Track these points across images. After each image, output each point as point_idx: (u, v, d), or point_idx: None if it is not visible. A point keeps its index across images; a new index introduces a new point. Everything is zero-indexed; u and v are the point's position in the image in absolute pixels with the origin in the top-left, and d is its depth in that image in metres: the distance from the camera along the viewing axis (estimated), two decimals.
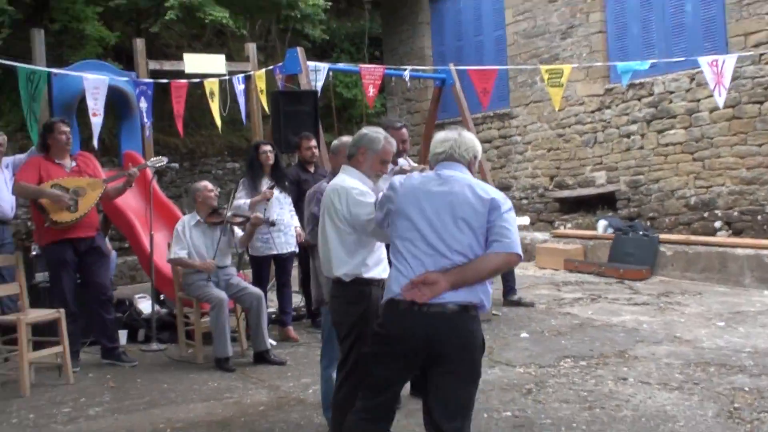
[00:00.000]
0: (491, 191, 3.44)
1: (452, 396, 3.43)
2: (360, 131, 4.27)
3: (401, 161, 4.39)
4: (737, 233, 10.75)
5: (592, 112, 12.86)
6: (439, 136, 3.69)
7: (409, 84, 12.75)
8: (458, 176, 3.51)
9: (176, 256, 6.90)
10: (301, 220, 7.60)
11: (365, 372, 3.95)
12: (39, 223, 6.70)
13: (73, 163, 6.85)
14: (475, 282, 3.37)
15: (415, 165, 4.56)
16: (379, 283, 4.13)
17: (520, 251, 3.38)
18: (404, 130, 5.49)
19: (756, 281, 9.56)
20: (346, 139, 4.91)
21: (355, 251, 4.05)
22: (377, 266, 4.14)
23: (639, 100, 12.12)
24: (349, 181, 4.11)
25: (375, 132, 4.21)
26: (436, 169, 3.61)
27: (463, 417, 3.47)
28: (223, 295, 6.69)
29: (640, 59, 11.00)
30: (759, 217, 10.55)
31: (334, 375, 4.57)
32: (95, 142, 7.91)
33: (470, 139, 3.65)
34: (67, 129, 6.77)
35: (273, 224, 7.18)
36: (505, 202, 3.41)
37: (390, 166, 4.35)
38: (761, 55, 10.34)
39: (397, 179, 3.66)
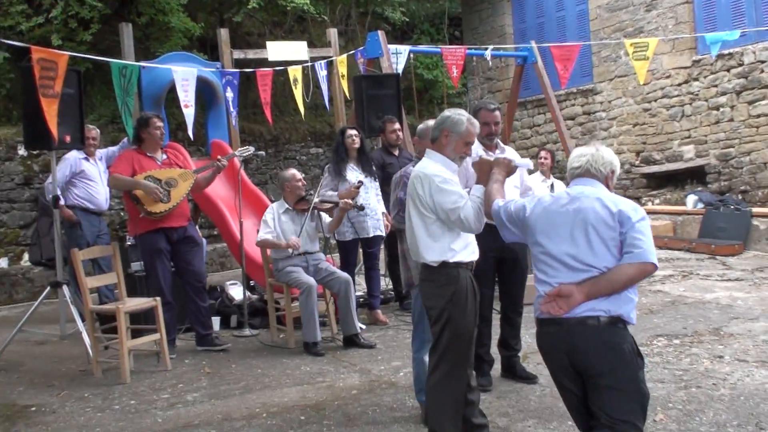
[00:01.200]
0: (620, 203, 3.40)
1: (609, 410, 3.35)
2: (442, 114, 4.26)
3: (475, 150, 4.38)
4: None
5: (679, 84, 12.52)
6: (577, 151, 3.65)
7: (490, 63, 12.64)
8: (587, 191, 3.48)
9: (262, 238, 7.04)
10: (386, 204, 7.65)
11: (459, 355, 4.05)
12: (133, 213, 6.91)
13: (164, 156, 7.06)
14: (610, 293, 3.32)
15: (489, 156, 4.50)
16: (468, 266, 4.16)
17: (654, 260, 3.32)
18: (497, 113, 5.43)
19: None
20: (432, 122, 4.91)
21: (440, 236, 4.07)
22: (464, 249, 4.14)
23: (728, 71, 11.74)
24: (432, 167, 4.11)
25: (457, 114, 4.20)
26: (570, 185, 3.60)
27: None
28: (311, 280, 6.79)
29: (728, 29, 10.70)
30: None
31: (426, 358, 4.60)
32: (190, 133, 8.09)
33: (608, 154, 3.60)
34: (161, 124, 6.98)
35: (362, 209, 7.23)
36: (635, 213, 3.36)
37: (474, 153, 4.34)
38: None
39: (529, 204, 3.61)
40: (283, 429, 4.83)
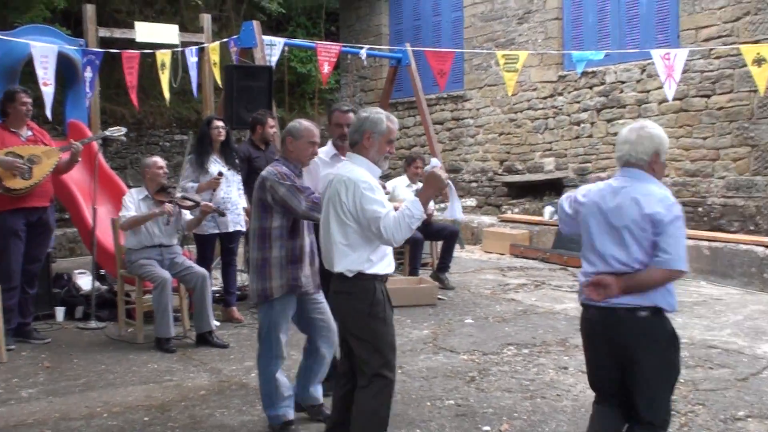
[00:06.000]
0: (654, 204, 3.46)
1: (652, 392, 3.58)
2: (358, 115, 4.00)
3: (434, 161, 4.16)
4: None
5: (545, 98, 12.93)
6: (620, 135, 3.68)
7: (365, 62, 12.66)
8: (628, 188, 3.56)
9: (128, 218, 6.68)
10: (250, 198, 7.52)
11: (391, 369, 3.89)
12: None
13: (29, 132, 6.76)
14: (643, 290, 3.48)
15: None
16: (383, 278, 3.96)
17: (682, 267, 3.46)
18: (351, 114, 5.31)
19: (694, 272, 9.75)
20: (305, 122, 4.66)
21: (359, 246, 3.83)
22: (381, 261, 3.91)
23: (591, 88, 12.21)
24: (357, 171, 3.85)
25: (375, 113, 3.95)
26: (616, 176, 3.68)
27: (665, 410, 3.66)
28: (166, 274, 6.58)
29: (594, 48, 11.16)
30: (700, 209, 10.76)
31: (278, 375, 4.51)
32: (48, 112, 7.68)
33: (648, 137, 3.57)
34: (29, 100, 6.66)
35: (223, 214, 7.07)
36: (667, 214, 3.44)
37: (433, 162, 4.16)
38: (711, 50, 10.49)
39: (581, 191, 3.73)
40: (124, 430, 4.65)
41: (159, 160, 7.02)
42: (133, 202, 6.81)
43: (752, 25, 10.20)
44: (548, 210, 12.08)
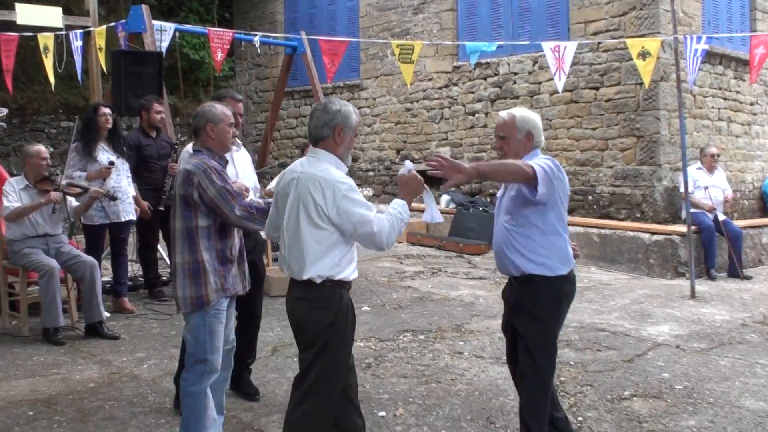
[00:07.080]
0: None
1: None
2: (327, 108, 3.61)
3: (408, 164, 3.81)
4: (569, 212, 11.19)
5: (440, 88, 13.06)
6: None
7: (259, 50, 12.49)
8: None
9: (13, 209, 6.36)
10: (140, 187, 7.37)
11: (331, 389, 3.56)
12: None
13: None
14: None
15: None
16: (349, 286, 3.67)
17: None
18: (241, 104, 5.17)
19: (584, 258, 10.05)
20: (221, 106, 4.22)
21: (330, 250, 3.52)
22: (349, 265, 3.62)
23: (485, 79, 12.40)
24: (331, 171, 3.54)
25: (344, 105, 3.64)
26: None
27: None
28: (53, 263, 6.35)
29: (487, 39, 11.31)
30: (590, 197, 11.10)
31: (208, 391, 4.04)
32: None
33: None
34: None
35: (115, 198, 6.84)
36: None
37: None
38: (599, 43, 10.80)
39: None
40: (7, 426, 4.46)
41: (43, 151, 6.68)
42: (14, 191, 6.53)
43: (638, 19, 10.56)
44: (444, 198, 12.24)
